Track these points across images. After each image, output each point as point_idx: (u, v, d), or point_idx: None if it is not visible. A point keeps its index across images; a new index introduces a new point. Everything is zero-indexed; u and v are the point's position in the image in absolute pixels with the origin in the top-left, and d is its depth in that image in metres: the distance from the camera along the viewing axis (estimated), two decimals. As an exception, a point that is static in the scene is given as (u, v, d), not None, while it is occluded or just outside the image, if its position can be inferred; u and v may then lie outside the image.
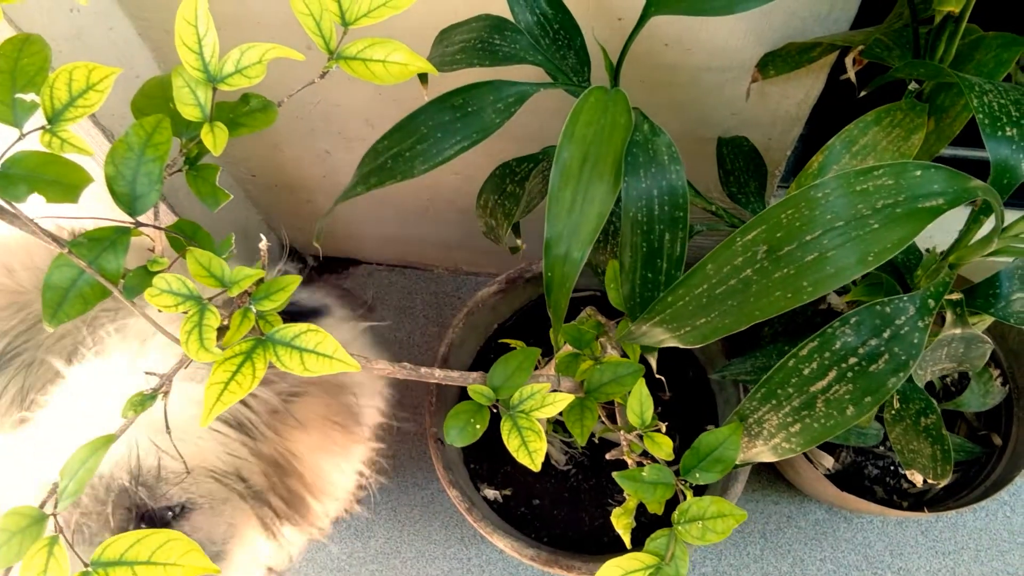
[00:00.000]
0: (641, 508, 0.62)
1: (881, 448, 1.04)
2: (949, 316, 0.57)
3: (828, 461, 1.03)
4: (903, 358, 0.48)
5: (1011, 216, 0.55)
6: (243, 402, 0.68)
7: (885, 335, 0.48)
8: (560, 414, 0.64)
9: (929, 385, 1.02)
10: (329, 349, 0.42)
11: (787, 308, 0.44)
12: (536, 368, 0.87)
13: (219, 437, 0.67)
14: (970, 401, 0.99)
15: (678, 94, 0.92)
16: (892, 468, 1.04)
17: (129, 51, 0.93)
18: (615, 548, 0.90)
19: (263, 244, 0.43)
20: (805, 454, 1.02)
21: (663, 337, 0.52)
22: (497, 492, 1.02)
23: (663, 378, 0.70)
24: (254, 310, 0.44)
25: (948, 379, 1.06)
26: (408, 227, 1.31)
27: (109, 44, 0.91)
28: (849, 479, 1.04)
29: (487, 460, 1.05)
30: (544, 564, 0.88)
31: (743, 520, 0.55)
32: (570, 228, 0.57)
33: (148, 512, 0.63)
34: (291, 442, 0.73)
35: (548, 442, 1.00)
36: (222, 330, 0.44)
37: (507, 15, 0.69)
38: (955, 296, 0.57)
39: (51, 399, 0.68)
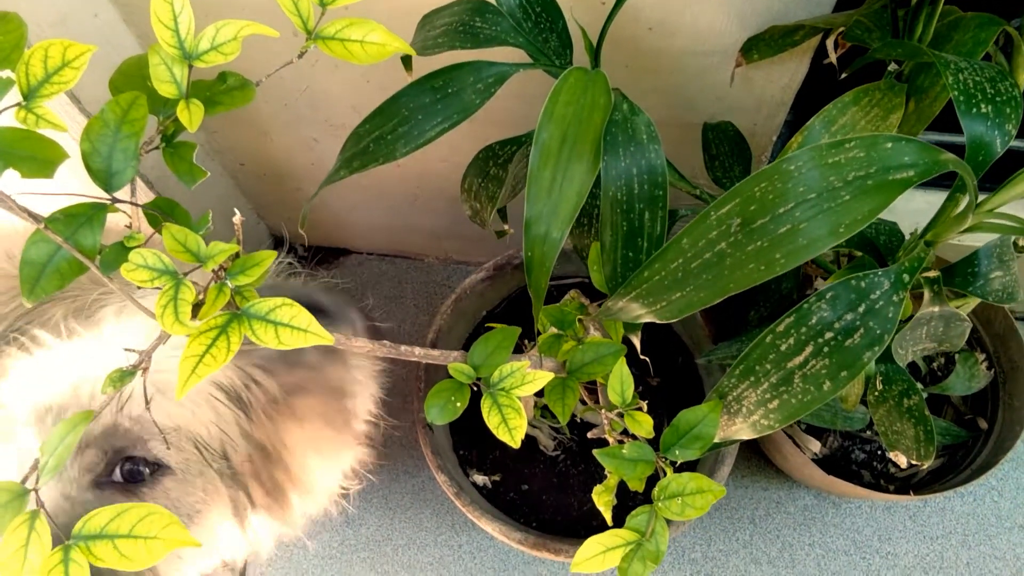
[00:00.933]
0: (629, 491, 0.62)
1: (868, 432, 1.04)
2: (927, 294, 0.57)
3: (815, 446, 1.03)
4: (878, 332, 0.48)
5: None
6: (247, 384, 0.68)
7: (860, 309, 0.48)
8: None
9: (915, 370, 1.03)
10: (304, 323, 0.42)
11: (760, 280, 0.44)
12: (522, 351, 0.88)
13: (217, 406, 0.66)
14: (955, 385, 1.00)
15: (663, 79, 0.92)
16: (879, 452, 1.04)
17: (114, 37, 0.93)
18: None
19: (237, 218, 0.43)
20: (792, 439, 1.02)
21: (640, 312, 0.52)
22: (486, 478, 1.02)
23: (648, 360, 0.71)
24: (230, 285, 0.44)
25: (935, 364, 1.07)
26: (397, 216, 1.31)
27: (94, 30, 0.91)
28: (836, 464, 1.04)
29: (476, 446, 1.05)
30: (532, 548, 0.88)
31: (722, 495, 0.56)
32: (550, 208, 0.57)
33: (122, 459, 0.62)
34: (284, 432, 0.73)
35: (536, 427, 1.01)
36: (199, 306, 0.44)
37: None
38: (932, 274, 0.57)
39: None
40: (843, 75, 0.73)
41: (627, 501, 0.97)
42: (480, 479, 1.02)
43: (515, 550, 1.17)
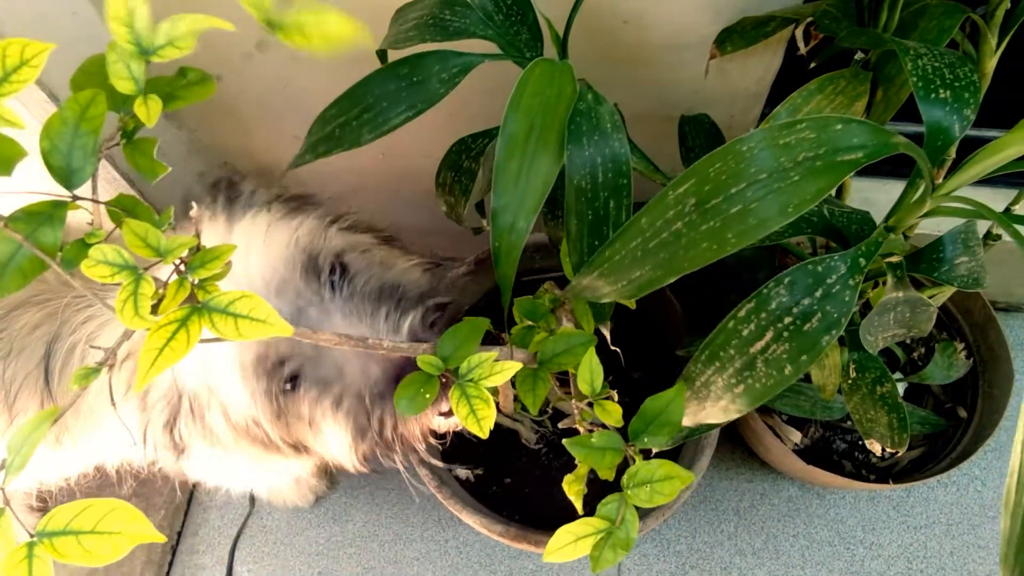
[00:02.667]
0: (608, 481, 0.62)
1: (849, 423, 1.05)
2: (889, 279, 0.57)
3: (796, 436, 1.03)
4: (835, 316, 0.48)
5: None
6: None
7: (817, 294, 0.49)
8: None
9: (895, 359, 1.03)
10: (263, 314, 0.42)
11: (713, 259, 0.44)
12: (499, 343, 0.88)
13: None
14: (934, 374, 1.00)
15: (640, 72, 0.93)
16: (860, 443, 1.05)
17: (94, 34, 0.93)
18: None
19: (195, 211, 0.43)
20: (773, 429, 1.03)
21: (605, 291, 0.53)
22: (469, 471, 1.03)
23: (619, 350, 0.71)
24: (191, 279, 0.44)
25: (915, 354, 1.07)
26: (381, 212, 1.31)
27: (73, 28, 0.91)
28: (818, 454, 1.05)
29: (458, 439, 1.05)
30: (513, 540, 0.89)
31: (690, 481, 0.56)
32: (516, 199, 0.57)
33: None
34: None
35: (518, 421, 1.01)
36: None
37: (461, -6, 0.69)
38: (895, 259, 0.58)
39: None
40: (812, 65, 0.74)
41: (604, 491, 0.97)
42: (463, 472, 1.02)
43: (501, 544, 1.18)
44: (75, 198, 0.45)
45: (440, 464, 1.00)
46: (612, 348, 0.69)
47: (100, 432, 0.76)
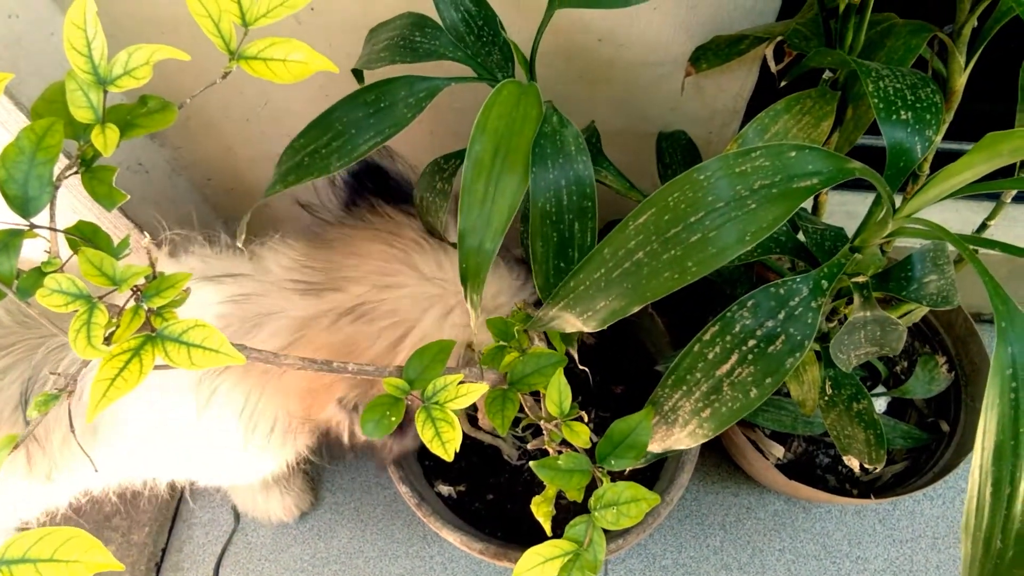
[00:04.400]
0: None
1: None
2: (856, 299, 0.57)
3: (779, 451, 1.03)
4: (798, 338, 0.48)
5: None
6: None
7: (780, 316, 0.49)
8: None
9: (876, 373, 1.03)
10: (215, 344, 0.42)
11: (675, 288, 0.44)
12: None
13: None
14: (915, 388, 1.00)
15: (617, 90, 0.93)
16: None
17: (70, 58, 0.93)
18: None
19: (146, 242, 0.43)
20: (756, 444, 1.03)
21: (571, 321, 0.53)
22: (451, 488, 1.02)
23: (587, 370, 0.71)
24: (145, 307, 0.44)
25: (898, 367, 1.07)
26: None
27: (51, 50, 0.91)
28: (801, 468, 1.04)
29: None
30: (493, 557, 0.89)
31: (656, 503, 0.56)
32: (483, 220, 0.57)
33: None
34: None
35: (500, 438, 1.01)
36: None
37: (434, 14, 0.70)
38: (861, 279, 0.58)
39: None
40: (782, 84, 0.74)
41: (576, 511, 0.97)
42: (445, 489, 1.02)
43: (486, 561, 1.17)
44: (32, 226, 0.45)
45: (421, 481, 1.00)
46: (598, 357, 0.69)
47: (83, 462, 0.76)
